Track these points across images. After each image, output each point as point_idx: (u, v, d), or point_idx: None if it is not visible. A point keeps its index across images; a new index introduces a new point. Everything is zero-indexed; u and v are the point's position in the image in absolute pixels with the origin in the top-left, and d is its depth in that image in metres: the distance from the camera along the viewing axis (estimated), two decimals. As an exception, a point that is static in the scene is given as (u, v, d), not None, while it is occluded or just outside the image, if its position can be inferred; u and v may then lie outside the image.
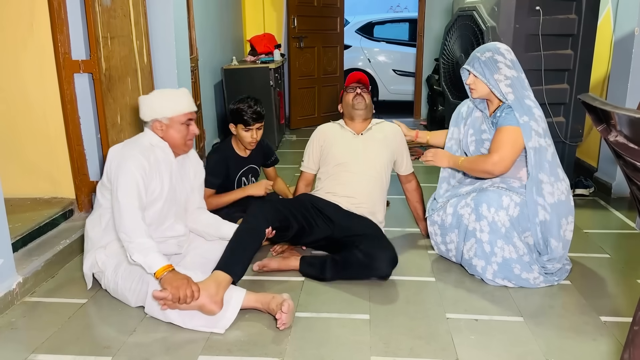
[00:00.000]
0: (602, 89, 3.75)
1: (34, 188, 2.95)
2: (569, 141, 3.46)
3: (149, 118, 2.16)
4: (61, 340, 1.93)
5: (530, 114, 2.28)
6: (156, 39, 3.28)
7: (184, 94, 2.20)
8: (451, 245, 2.52)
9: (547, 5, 3.21)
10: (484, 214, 2.30)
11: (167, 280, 1.91)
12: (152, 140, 2.17)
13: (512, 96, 2.29)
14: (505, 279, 2.32)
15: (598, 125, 1.14)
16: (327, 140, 2.72)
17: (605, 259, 2.63)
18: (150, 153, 2.13)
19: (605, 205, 3.43)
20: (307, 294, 2.27)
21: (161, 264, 1.94)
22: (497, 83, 2.31)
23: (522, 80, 2.36)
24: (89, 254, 2.21)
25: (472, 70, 2.37)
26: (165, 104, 2.15)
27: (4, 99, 2.83)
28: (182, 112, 2.16)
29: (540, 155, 2.27)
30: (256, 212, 2.29)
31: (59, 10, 2.70)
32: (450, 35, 3.85)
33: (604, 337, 1.94)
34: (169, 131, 2.16)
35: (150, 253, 1.96)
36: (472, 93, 2.44)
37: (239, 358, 1.81)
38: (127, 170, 2.05)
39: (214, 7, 5.04)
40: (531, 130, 2.26)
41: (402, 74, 7.44)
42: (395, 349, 1.87)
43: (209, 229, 2.38)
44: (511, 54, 2.38)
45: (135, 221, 2.01)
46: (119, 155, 2.11)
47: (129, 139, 2.25)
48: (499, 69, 2.32)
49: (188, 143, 2.23)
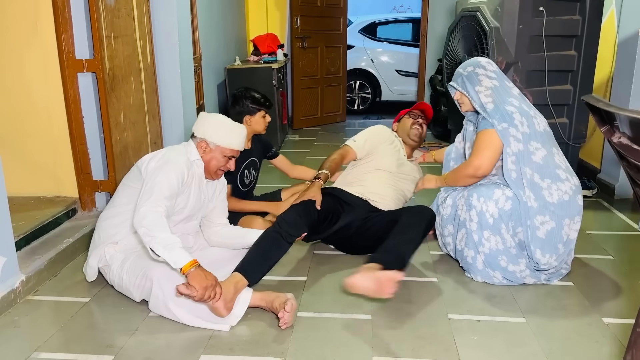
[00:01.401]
0: (606, 90, 3.74)
1: (37, 187, 2.96)
2: (572, 142, 3.45)
3: (200, 134, 2.22)
4: (64, 339, 1.93)
5: (510, 119, 2.29)
6: (159, 39, 3.30)
7: (241, 133, 2.26)
8: (449, 238, 2.54)
9: (551, 6, 3.20)
10: (473, 204, 2.33)
11: (194, 277, 1.86)
12: (192, 156, 2.21)
13: (492, 105, 2.33)
14: (493, 270, 2.34)
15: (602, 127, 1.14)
16: (384, 144, 2.82)
17: (608, 260, 2.63)
18: (190, 167, 2.17)
19: (608, 206, 3.42)
20: (309, 294, 2.28)
21: (187, 259, 1.89)
22: (477, 95, 2.38)
23: (505, 87, 2.41)
24: (98, 249, 2.21)
25: (456, 85, 2.49)
26: (222, 132, 2.20)
27: (8, 98, 2.83)
28: (231, 147, 2.22)
29: (523, 160, 2.27)
30: (290, 219, 2.29)
31: (62, 10, 2.70)
32: (454, 35, 3.85)
33: (606, 338, 1.94)
34: (210, 155, 2.22)
35: (176, 248, 1.92)
36: (461, 107, 2.52)
37: (241, 357, 1.82)
38: (169, 173, 2.07)
39: (218, 7, 5.05)
40: (509, 136, 2.28)
41: (405, 75, 7.44)
42: (397, 349, 1.87)
43: (236, 240, 2.41)
44: (492, 66, 2.47)
45: (159, 217, 1.97)
46: (165, 157, 2.13)
47: (172, 146, 2.29)
48: (479, 81, 2.40)
49: (219, 172, 2.28)
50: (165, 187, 2.03)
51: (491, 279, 2.36)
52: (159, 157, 2.14)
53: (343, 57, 6.50)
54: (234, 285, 2.01)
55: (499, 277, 2.35)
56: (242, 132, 2.26)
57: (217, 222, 2.42)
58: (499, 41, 3.23)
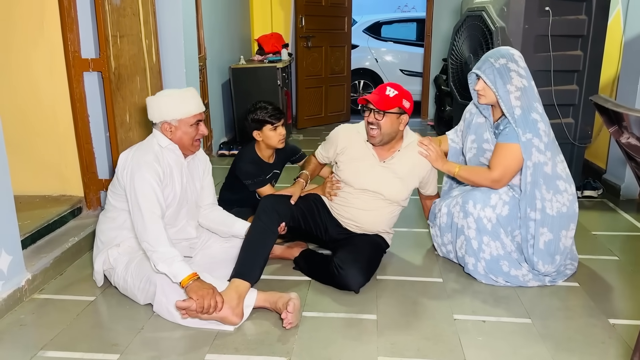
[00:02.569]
0: (612, 90, 3.73)
1: (43, 186, 2.97)
2: (577, 143, 3.44)
3: (157, 120, 2.15)
4: (70, 338, 1.94)
5: (535, 129, 2.22)
6: (165, 38, 3.30)
7: (192, 95, 2.17)
8: (449, 246, 2.53)
9: (557, 5, 3.19)
10: (470, 211, 2.31)
11: (192, 289, 1.91)
12: (162, 143, 2.16)
13: (519, 110, 2.22)
14: (496, 276, 2.33)
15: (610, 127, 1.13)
16: (346, 153, 2.44)
17: (614, 261, 2.62)
18: (162, 157, 2.13)
19: (613, 207, 3.41)
20: (314, 294, 2.27)
21: (186, 273, 1.94)
22: (507, 95, 2.22)
23: (532, 89, 2.28)
24: (102, 253, 2.22)
25: (484, 76, 2.25)
26: (174, 106, 2.12)
27: (15, 97, 2.84)
28: (191, 113, 2.14)
29: (538, 171, 2.24)
30: (267, 207, 2.27)
31: (69, 9, 2.71)
32: (459, 35, 3.84)
33: (612, 340, 1.93)
34: (178, 132, 2.15)
35: (175, 262, 1.96)
36: (480, 99, 2.33)
37: (246, 357, 1.82)
38: (143, 178, 2.05)
39: (222, 6, 5.06)
40: (532, 147, 2.22)
41: (409, 74, 7.42)
42: (402, 349, 1.86)
43: (222, 227, 2.39)
44: (523, 62, 2.30)
45: (158, 230, 2.02)
46: (133, 162, 2.09)
47: (139, 143, 2.23)
48: (511, 78, 2.23)
49: (196, 144, 2.22)
50: (148, 194, 2.04)
51: (495, 284, 2.35)
52: (128, 165, 2.09)
53: (347, 57, 6.49)
54: (235, 290, 2.01)
55: (502, 282, 2.34)
56: (194, 94, 2.18)
57: (205, 202, 2.41)
58: (505, 41, 3.21)
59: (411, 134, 2.47)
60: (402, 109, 2.29)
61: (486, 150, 2.40)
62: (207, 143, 4.36)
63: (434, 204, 2.61)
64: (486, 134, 2.41)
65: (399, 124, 2.33)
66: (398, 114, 2.30)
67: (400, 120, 2.32)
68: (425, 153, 2.41)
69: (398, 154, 2.41)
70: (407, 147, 2.42)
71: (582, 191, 3.53)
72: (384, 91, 2.28)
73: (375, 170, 2.39)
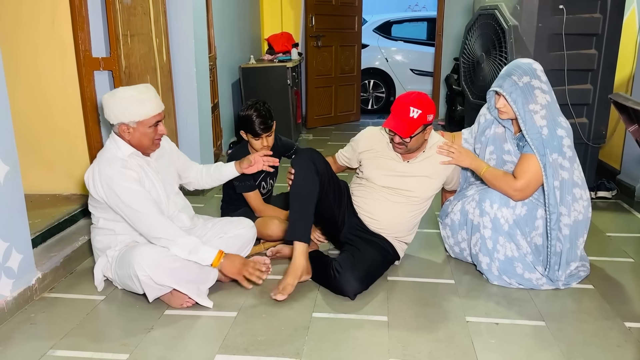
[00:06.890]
0: (627, 89, 3.67)
1: (53, 184, 2.98)
2: (591, 143, 3.39)
3: (114, 121, 2.07)
4: (79, 337, 1.94)
5: (559, 148, 2.16)
6: (175, 37, 3.30)
7: (149, 96, 2.08)
8: (463, 244, 2.50)
9: (571, 3, 3.14)
10: (486, 210, 2.28)
11: (225, 267, 2.10)
12: (124, 152, 2.09)
13: (547, 130, 2.16)
14: (509, 277, 2.30)
15: (630, 126, 1.10)
16: (371, 152, 2.46)
17: (629, 263, 2.57)
18: (127, 163, 2.09)
19: (628, 208, 3.36)
20: (324, 294, 2.25)
21: (213, 254, 2.06)
22: (531, 115, 2.17)
23: (554, 103, 2.23)
24: (100, 259, 2.24)
25: (506, 95, 2.19)
26: (131, 107, 2.03)
27: (26, 96, 2.85)
28: (150, 115, 2.07)
29: (564, 189, 2.19)
30: (301, 160, 2.27)
31: (79, 8, 2.71)
32: (471, 34, 3.80)
33: (628, 343, 1.89)
34: (136, 134, 2.08)
35: (200, 249, 2.05)
36: (502, 115, 2.28)
37: (257, 357, 1.80)
38: (124, 187, 2.02)
39: (233, 6, 5.05)
40: (558, 166, 2.17)
41: (419, 74, 7.38)
42: (413, 351, 1.84)
43: (214, 175, 2.48)
44: (544, 75, 2.24)
45: (166, 225, 2.06)
46: (102, 177, 2.04)
47: (99, 153, 2.15)
48: (535, 97, 2.17)
49: (156, 142, 2.15)
50: (137, 198, 2.03)
51: (508, 285, 2.32)
52: (100, 181, 2.04)
53: (357, 56, 6.47)
54: (304, 256, 2.23)
55: (515, 284, 2.31)
56: (151, 94, 2.09)
57: (194, 170, 2.47)
58: (518, 40, 3.18)
59: (434, 135, 2.45)
60: (427, 123, 2.27)
61: (507, 161, 2.34)
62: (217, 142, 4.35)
63: (449, 202, 2.58)
64: (507, 145, 2.34)
65: (424, 136, 2.34)
66: (423, 130, 2.28)
67: (426, 132, 2.32)
68: (447, 159, 2.38)
69: (422, 154, 2.40)
70: (432, 148, 2.41)
71: (596, 192, 3.48)
72: (407, 113, 2.20)
73: (399, 169, 2.40)
